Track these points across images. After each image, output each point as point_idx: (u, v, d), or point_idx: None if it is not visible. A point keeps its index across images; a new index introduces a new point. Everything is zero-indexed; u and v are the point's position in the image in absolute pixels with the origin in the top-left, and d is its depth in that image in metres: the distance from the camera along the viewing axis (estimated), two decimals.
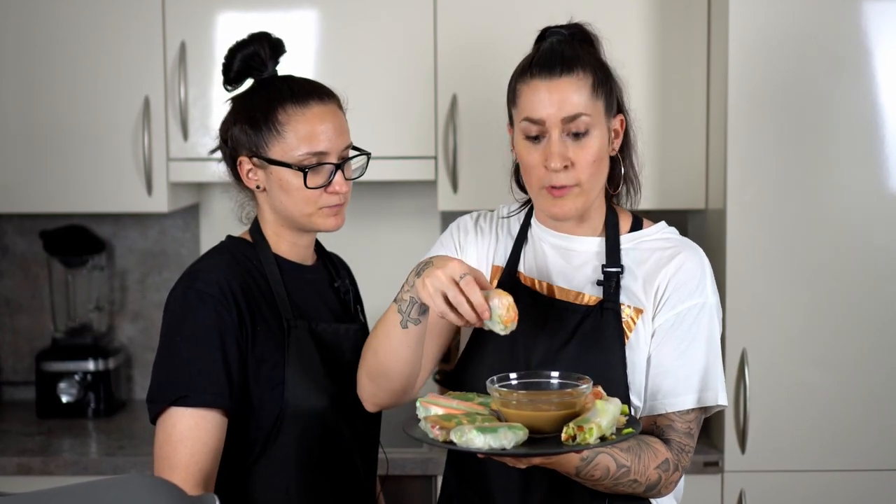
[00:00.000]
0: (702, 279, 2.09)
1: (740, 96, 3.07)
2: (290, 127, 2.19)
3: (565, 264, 2.14)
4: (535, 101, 2.03)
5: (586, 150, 2.03)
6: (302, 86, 2.24)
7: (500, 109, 3.27)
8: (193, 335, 2.13)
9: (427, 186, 3.67)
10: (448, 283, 1.87)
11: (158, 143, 3.37)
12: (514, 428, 1.81)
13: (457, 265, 1.89)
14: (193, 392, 2.10)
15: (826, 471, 3.12)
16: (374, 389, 2.12)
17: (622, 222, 2.17)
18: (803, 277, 3.10)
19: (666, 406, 2.07)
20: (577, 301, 2.11)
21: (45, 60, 3.37)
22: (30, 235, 3.79)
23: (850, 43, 3.05)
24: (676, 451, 2.06)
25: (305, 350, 2.21)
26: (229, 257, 2.22)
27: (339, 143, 2.22)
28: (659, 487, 2.04)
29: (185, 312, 2.15)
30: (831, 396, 3.11)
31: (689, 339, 2.07)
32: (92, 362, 3.60)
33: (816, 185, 3.08)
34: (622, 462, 1.98)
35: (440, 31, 3.33)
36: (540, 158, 2.04)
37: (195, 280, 2.17)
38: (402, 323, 1.99)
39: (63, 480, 3.09)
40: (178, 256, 3.79)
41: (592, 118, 2.03)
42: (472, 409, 1.92)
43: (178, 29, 3.35)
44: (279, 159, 2.19)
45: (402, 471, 3.09)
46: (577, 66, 2.04)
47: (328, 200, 2.21)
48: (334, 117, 2.23)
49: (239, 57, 2.25)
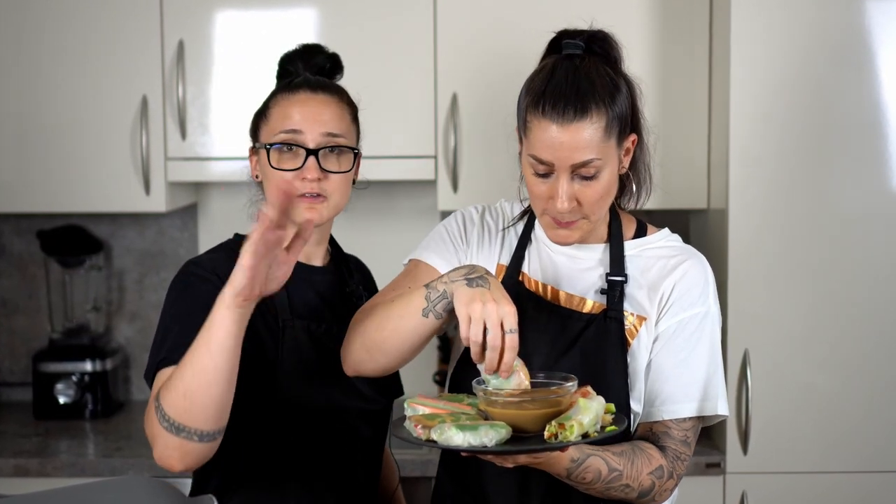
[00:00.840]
0: (705, 288, 2.08)
1: (743, 95, 3.06)
2: (274, 110, 2.22)
3: (571, 267, 2.13)
4: (545, 143, 1.96)
5: (595, 189, 2.00)
6: (304, 79, 2.26)
7: (501, 108, 3.27)
8: (187, 310, 2.08)
9: (427, 186, 3.66)
10: (496, 324, 1.82)
11: (156, 142, 3.36)
12: (496, 426, 1.80)
13: (513, 312, 1.83)
14: (175, 353, 2.00)
15: (828, 472, 3.11)
16: (364, 358, 2.04)
17: (626, 228, 2.16)
18: (806, 278, 3.08)
19: (663, 413, 2.06)
20: (580, 308, 2.09)
21: (42, 59, 3.36)
22: (27, 235, 3.78)
23: (854, 42, 3.04)
24: (671, 458, 2.04)
25: (300, 351, 2.19)
26: (231, 253, 2.16)
27: (317, 128, 2.19)
28: (652, 494, 2.02)
29: (181, 290, 2.13)
30: (834, 397, 3.10)
31: (689, 347, 2.06)
32: (89, 363, 3.59)
33: (819, 184, 3.07)
34: (614, 466, 1.96)
35: (440, 29, 3.32)
36: (546, 192, 2.01)
37: (194, 266, 2.17)
38: (424, 311, 1.93)
39: (60, 482, 3.11)
40: (176, 256, 3.78)
41: (603, 160, 1.98)
42: (458, 409, 1.90)
43: (177, 27, 3.34)
44: (262, 142, 2.22)
45: (402, 472, 3.04)
46: (591, 105, 1.96)
47: (300, 188, 2.17)
48: (321, 104, 2.22)
49: (301, 66, 2.28)
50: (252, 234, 1.79)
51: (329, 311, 2.26)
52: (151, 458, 3.01)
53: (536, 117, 1.98)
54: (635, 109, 2.06)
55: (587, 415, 1.81)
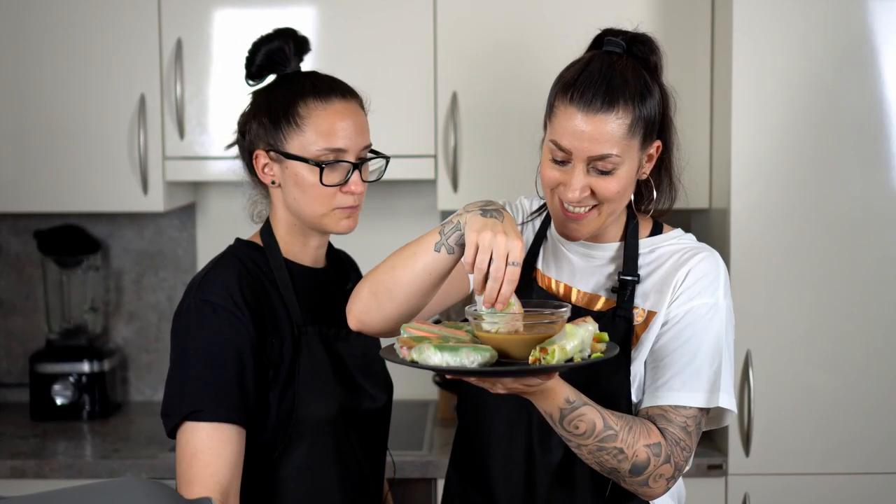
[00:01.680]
0: (715, 279, 2.07)
1: (745, 94, 3.05)
2: (310, 121, 2.17)
3: (585, 266, 2.13)
4: (567, 130, 1.97)
5: (609, 184, 1.99)
6: (325, 81, 2.23)
7: (502, 106, 3.31)
8: (208, 349, 2.09)
9: (427, 185, 3.66)
10: (501, 255, 1.81)
11: (154, 141, 3.35)
12: (479, 349, 1.77)
13: (520, 246, 1.82)
14: (207, 407, 2.06)
15: (831, 474, 3.10)
16: (370, 305, 2.00)
17: (642, 228, 2.15)
18: (809, 278, 3.07)
19: (660, 398, 2.03)
20: (589, 305, 2.10)
21: (39, 57, 3.35)
22: (24, 235, 3.77)
23: (858, 41, 3.03)
24: (671, 442, 2.00)
25: (316, 356, 2.19)
26: (238, 264, 2.19)
27: (359, 143, 2.19)
28: (646, 474, 1.97)
29: (199, 325, 2.11)
30: (837, 398, 3.09)
31: (695, 337, 2.05)
32: (87, 364, 3.58)
33: (823, 184, 3.06)
34: (610, 424, 1.93)
35: (440, 26, 3.31)
36: (559, 178, 2.01)
37: (207, 292, 2.13)
38: (437, 246, 1.91)
39: (57, 484, 3.11)
40: (175, 256, 3.77)
41: (622, 157, 1.98)
42: (451, 334, 1.87)
43: (175, 25, 3.33)
44: (297, 153, 2.17)
45: (403, 474, 3.08)
46: (620, 100, 1.96)
47: (343, 201, 2.18)
48: (355, 115, 2.20)
49: (263, 51, 2.24)
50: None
51: (336, 313, 2.25)
52: (149, 460, 3.00)
53: (563, 104, 1.98)
54: (665, 118, 2.06)
55: (571, 340, 1.78)
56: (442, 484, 3.05)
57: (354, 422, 2.24)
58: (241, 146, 2.28)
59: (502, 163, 3.30)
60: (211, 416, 2.06)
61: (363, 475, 2.27)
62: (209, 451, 2.04)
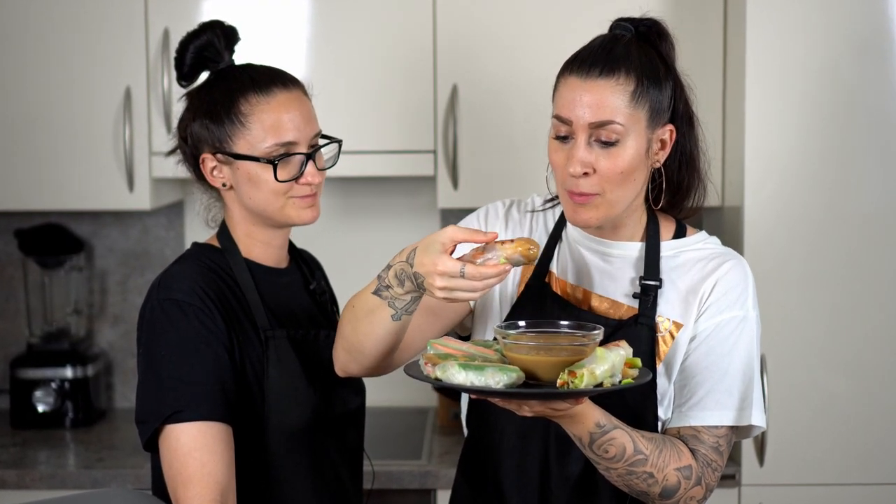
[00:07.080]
0: (744, 290, 2.03)
1: (758, 89, 3.04)
2: (255, 117, 2.15)
3: (604, 266, 2.07)
4: (567, 100, 1.94)
5: (614, 160, 1.94)
6: (263, 73, 2.21)
7: (503, 100, 3.29)
8: (179, 348, 2.08)
9: (426, 182, 3.64)
10: (451, 281, 1.80)
11: (140, 136, 3.33)
12: (505, 369, 1.76)
13: (444, 259, 1.80)
14: (188, 407, 2.04)
15: (849, 485, 3.08)
16: (348, 360, 2.06)
17: (664, 230, 2.09)
18: (825, 279, 3.05)
19: (692, 418, 2.01)
20: (609, 313, 2.04)
21: (20, 48, 3.32)
22: (4, 235, 3.75)
23: (874, 34, 3.02)
24: (702, 463, 1.99)
25: (286, 361, 2.18)
26: (199, 264, 2.18)
27: (308, 132, 2.18)
28: (677, 497, 1.96)
29: (167, 325, 2.10)
30: (855, 406, 3.07)
31: (725, 352, 2.02)
32: (70, 369, 3.56)
33: (840, 181, 3.04)
34: (640, 448, 1.91)
35: (440, 18, 3.28)
36: (564, 159, 1.96)
37: (170, 290, 2.13)
38: (393, 317, 1.92)
39: (39, 495, 3.08)
40: (162, 257, 3.76)
41: (626, 127, 1.93)
42: (479, 353, 1.87)
43: (161, 15, 3.31)
44: (246, 153, 2.15)
45: (400, 484, 3.09)
46: (621, 68, 1.93)
47: (299, 191, 2.17)
48: (300, 104, 2.19)
49: (191, 49, 2.24)
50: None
51: (302, 314, 2.27)
52: (134, 469, 2.98)
53: (564, 76, 1.97)
54: (680, 104, 2.02)
55: (602, 364, 1.76)
56: (442, 495, 3.01)
57: (328, 427, 2.22)
58: (184, 151, 2.26)
59: (504, 158, 3.29)
60: (194, 414, 2.03)
61: (341, 482, 2.26)
62: (204, 449, 2.02)
